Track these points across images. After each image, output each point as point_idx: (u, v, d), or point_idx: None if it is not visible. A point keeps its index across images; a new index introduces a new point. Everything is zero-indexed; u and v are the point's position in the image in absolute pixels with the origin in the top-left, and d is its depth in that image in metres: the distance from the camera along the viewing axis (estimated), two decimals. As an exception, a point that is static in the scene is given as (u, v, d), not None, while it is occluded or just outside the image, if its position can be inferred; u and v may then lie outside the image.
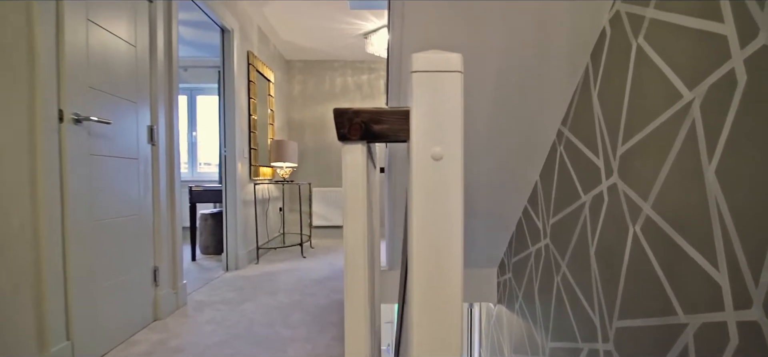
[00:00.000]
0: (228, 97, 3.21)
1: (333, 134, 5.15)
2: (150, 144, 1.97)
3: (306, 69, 5.11)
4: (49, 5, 1.36)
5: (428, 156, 0.43)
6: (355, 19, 3.68)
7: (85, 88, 1.54)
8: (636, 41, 1.22)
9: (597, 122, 1.44)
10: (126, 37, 1.78)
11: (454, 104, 0.43)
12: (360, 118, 0.46)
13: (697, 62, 0.95)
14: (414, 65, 0.44)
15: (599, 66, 1.45)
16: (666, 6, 1.08)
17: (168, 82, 2.11)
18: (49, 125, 1.37)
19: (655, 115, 1.11)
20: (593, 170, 1.43)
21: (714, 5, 0.90)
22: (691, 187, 0.97)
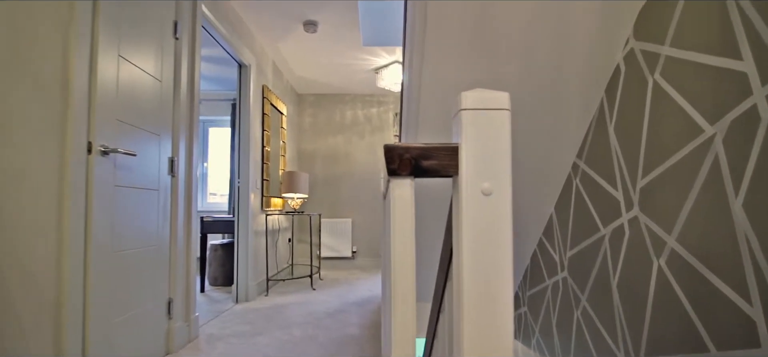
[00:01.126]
0: (243, 129, 3.28)
1: (343, 165, 5.19)
2: (170, 175, 2.01)
3: (317, 102, 5.23)
4: (85, 41, 1.43)
5: (478, 191, 0.44)
6: (367, 55, 3.79)
7: (113, 121, 1.59)
8: (652, 77, 1.24)
9: (614, 155, 1.45)
10: (152, 71, 1.85)
11: (503, 141, 0.45)
12: (410, 154, 0.48)
13: (718, 98, 0.97)
14: (463, 103, 0.46)
15: (614, 101, 1.47)
16: (682, 44, 1.12)
17: (189, 115, 2.17)
18: (78, 157, 1.41)
19: (676, 148, 1.12)
20: (612, 203, 1.43)
21: (731, 43, 0.93)
22: (717, 220, 0.97)
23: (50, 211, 1.34)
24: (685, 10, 1.11)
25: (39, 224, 1.30)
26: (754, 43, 0.87)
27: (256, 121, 3.45)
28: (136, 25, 1.72)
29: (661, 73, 1.20)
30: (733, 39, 0.92)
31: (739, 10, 0.92)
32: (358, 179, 5.21)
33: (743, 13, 0.91)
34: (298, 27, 3.19)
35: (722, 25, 0.97)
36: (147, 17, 1.80)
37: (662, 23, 1.21)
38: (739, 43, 0.92)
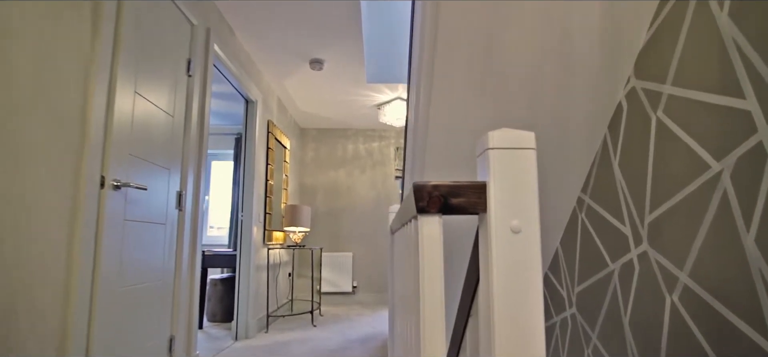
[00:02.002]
0: (248, 163, 3.31)
1: (344, 199, 5.20)
2: (177, 209, 2.01)
3: (319, 136, 5.30)
4: (104, 78, 1.48)
5: (508, 229, 0.46)
6: (370, 91, 3.88)
7: (127, 156, 1.61)
8: (655, 115, 1.28)
9: (620, 190, 1.47)
10: (165, 107, 1.89)
11: (530, 179, 0.46)
12: (439, 191, 0.49)
13: (723, 135, 1.00)
14: (490, 142, 0.48)
15: (618, 137, 1.51)
16: (684, 82, 1.16)
17: (198, 149, 2.20)
18: (91, 191, 1.42)
19: (683, 184, 1.14)
20: (620, 238, 1.44)
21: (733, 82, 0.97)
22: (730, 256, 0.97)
23: (61, 244, 1.34)
24: (685, 50, 1.16)
25: (49, 257, 1.29)
26: (756, 82, 0.90)
27: (261, 155, 3.49)
28: (152, 62, 1.77)
29: (664, 111, 1.23)
30: (734, 78, 0.96)
31: (738, 50, 0.96)
32: (359, 213, 5.20)
33: (742, 52, 0.95)
34: (305, 65, 3.28)
35: (722, 65, 1.01)
36: (163, 55, 1.86)
37: (662, 63, 1.25)
38: (740, 82, 0.95)
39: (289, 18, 2.61)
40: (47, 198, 1.28)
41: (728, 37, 0.99)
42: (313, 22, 2.66)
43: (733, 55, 0.97)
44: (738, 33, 0.96)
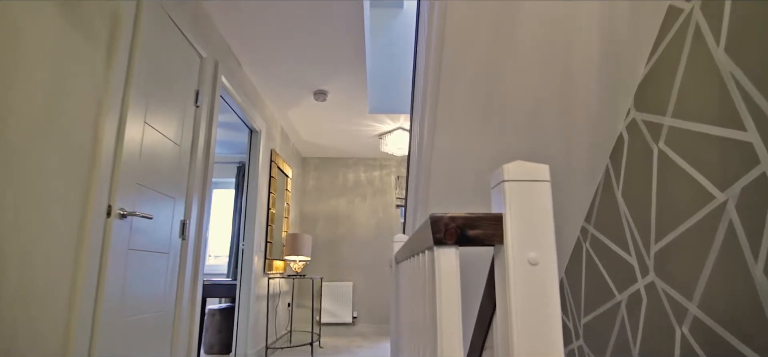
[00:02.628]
0: (250, 192, 3.32)
1: (344, 227, 5.19)
2: (181, 238, 2.01)
3: (321, 165, 5.33)
4: (116, 109, 1.51)
5: (525, 261, 0.46)
6: (372, 121, 3.94)
7: (134, 185, 1.62)
8: (657, 146, 1.30)
9: (624, 220, 1.48)
10: (173, 137, 1.92)
11: (546, 212, 0.47)
12: (455, 223, 0.50)
13: (725, 166, 1.01)
14: (505, 175, 0.49)
15: (620, 167, 1.52)
16: (684, 115, 1.18)
17: (203, 179, 2.22)
18: (97, 220, 1.43)
19: (688, 214, 1.15)
20: (626, 268, 1.43)
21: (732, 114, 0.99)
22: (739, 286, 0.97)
23: (65, 272, 1.33)
24: (684, 84, 1.19)
25: (53, 284, 1.28)
26: (755, 114, 0.93)
27: (263, 184, 3.50)
28: (162, 93, 1.81)
29: (666, 142, 1.26)
30: (734, 110, 0.99)
31: (736, 83, 0.99)
32: (360, 242, 5.17)
33: (740, 86, 0.97)
34: (309, 96, 3.35)
35: (721, 98, 1.04)
36: (173, 86, 1.90)
37: (662, 96, 1.29)
38: (740, 114, 0.98)
39: (296, 51, 2.69)
40: (54, 225, 1.28)
41: (726, 71, 1.02)
42: (319, 55, 2.73)
43: (731, 89, 1.00)
44: (735, 67, 0.99)
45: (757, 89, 0.91)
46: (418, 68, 2.06)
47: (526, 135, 1.59)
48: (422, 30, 1.88)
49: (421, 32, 2.00)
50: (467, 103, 1.50)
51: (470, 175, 1.71)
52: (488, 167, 1.66)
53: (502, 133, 1.57)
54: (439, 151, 1.62)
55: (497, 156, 1.63)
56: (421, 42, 1.88)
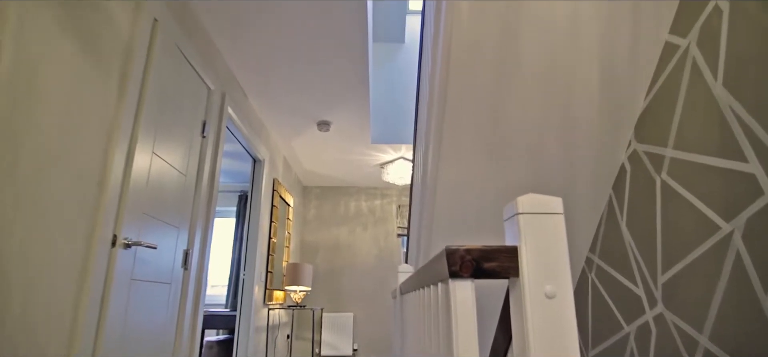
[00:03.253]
0: (253, 221, 3.31)
1: (345, 256, 5.14)
2: (183, 268, 2.00)
3: (322, 194, 5.34)
4: (125, 140, 1.53)
5: (542, 294, 0.47)
6: (374, 151, 3.98)
7: (140, 215, 1.63)
8: (659, 177, 1.32)
9: (630, 251, 1.48)
10: (179, 166, 1.94)
11: (561, 245, 0.48)
12: (471, 255, 0.51)
13: (730, 197, 1.03)
14: (519, 208, 0.50)
15: (623, 197, 1.54)
16: (685, 146, 1.20)
17: (207, 208, 2.22)
18: (102, 250, 1.43)
19: (694, 245, 1.15)
20: (633, 299, 1.42)
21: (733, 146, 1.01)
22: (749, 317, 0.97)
23: (68, 302, 1.32)
24: (684, 116, 1.22)
25: (56, 314, 1.27)
26: (756, 146, 0.95)
27: (266, 213, 3.50)
28: (171, 124, 1.84)
29: (668, 173, 1.27)
30: (735, 142, 1.01)
31: (735, 116, 1.02)
32: (361, 272, 5.12)
33: (740, 119, 1.00)
34: (313, 126, 3.40)
35: (722, 130, 1.06)
36: (181, 117, 1.94)
37: (662, 128, 1.31)
38: (741, 146, 1.00)
39: (302, 83, 2.75)
40: (59, 254, 1.28)
41: (725, 104, 1.05)
42: (324, 87, 2.79)
43: (731, 121, 1.03)
44: (734, 101, 1.02)
45: (756, 122, 0.94)
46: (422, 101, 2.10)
47: (530, 166, 1.61)
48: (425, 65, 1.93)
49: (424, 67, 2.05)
50: (471, 135, 1.53)
51: (475, 205, 1.72)
52: (492, 197, 1.68)
53: (506, 164, 1.59)
54: (443, 182, 1.64)
55: (501, 186, 1.65)
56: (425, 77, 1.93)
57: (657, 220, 1.31)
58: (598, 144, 1.53)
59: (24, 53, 1.14)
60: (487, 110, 1.48)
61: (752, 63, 0.97)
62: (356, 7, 2.07)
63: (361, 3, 2.05)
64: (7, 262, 1.11)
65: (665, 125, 1.29)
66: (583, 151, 1.56)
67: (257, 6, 2.07)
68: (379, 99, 3.85)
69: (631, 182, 1.48)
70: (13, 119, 1.12)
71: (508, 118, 1.49)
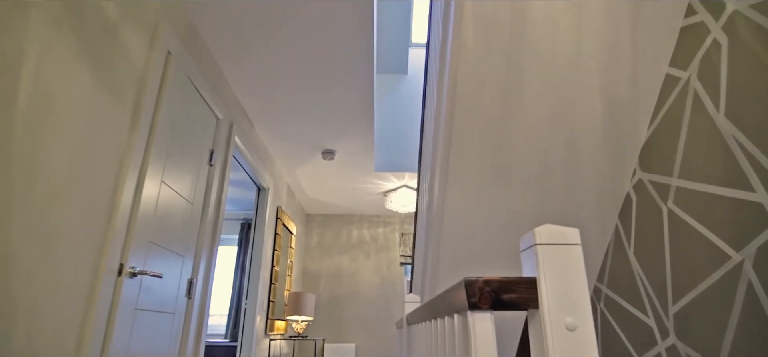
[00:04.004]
0: (256, 250, 3.30)
1: (347, 285, 5.08)
2: (187, 298, 1.98)
3: (325, 222, 5.33)
4: (136, 169, 1.55)
5: (563, 326, 0.47)
6: (378, 179, 4.00)
7: (146, 243, 1.63)
8: (666, 205, 1.33)
9: (639, 280, 1.47)
10: (186, 195, 1.95)
11: (580, 276, 0.49)
12: (490, 287, 0.51)
13: (738, 226, 1.03)
14: (537, 238, 0.51)
15: (630, 226, 1.54)
16: (691, 175, 1.22)
17: (212, 237, 2.22)
18: (108, 279, 1.42)
19: (705, 274, 1.15)
20: (644, 330, 1.40)
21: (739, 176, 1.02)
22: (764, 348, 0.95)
23: (72, 331, 1.31)
24: (688, 146, 1.23)
25: (60, 343, 1.26)
26: (762, 176, 0.96)
27: (269, 242, 3.49)
28: (180, 152, 1.87)
29: (675, 202, 1.28)
30: (740, 172, 1.02)
31: (739, 146, 1.03)
32: (363, 301, 5.05)
33: (744, 149, 1.01)
34: (317, 155, 3.43)
35: (726, 159, 1.07)
36: (190, 146, 1.96)
37: (666, 157, 1.33)
38: (747, 175, 1.01)
39: (308, 113, 2.80)
40: (66, 282, 1.28)
41: (728, 134, 1.07)
42: (329, 117, 2.84)
43: (735, 151, 1.04)
44: (737, 131, 1.04)
45: (761, 152, 0.95)
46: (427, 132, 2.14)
47: (535, 195, 1.62)
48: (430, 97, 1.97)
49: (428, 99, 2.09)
50: (477, 165, 1.55)
51: (481, 235, 1.72)
52: (499, 227, 1.68)
53: (512, 193, 1.60)
54: (450, 212, 1.64)
55: (507, 216, 1.65)
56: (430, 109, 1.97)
57: (665, 249, 1.31)
58: (603, 173, 1.55)
59: (42, 83, 1.18)
60: (492, 141, 1.50)
61: (754, 94, 0.99)
62: (363, 38, 2.13)
63: (368, 34, 2.11)
64: (14, 290, 1.10)
65: (669, 155, 1.31)
66: (588, 180, 1.57)
67: (266, 37, 2.13)
68: (382, 128, 3.90)
69: (637, 211, 1.49)
70: (30, 147, 1.14)
71: (514, 148, 1.52)
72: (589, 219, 1.65)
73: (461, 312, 0.59)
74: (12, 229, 1.09)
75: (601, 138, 1.49)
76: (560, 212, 1.66)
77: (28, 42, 1.13)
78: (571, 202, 1.63)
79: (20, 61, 1.10)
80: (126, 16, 1.51)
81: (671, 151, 1.30)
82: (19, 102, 1.11)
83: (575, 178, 1.58)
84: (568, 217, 1.67)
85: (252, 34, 2.10)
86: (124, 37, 1.51)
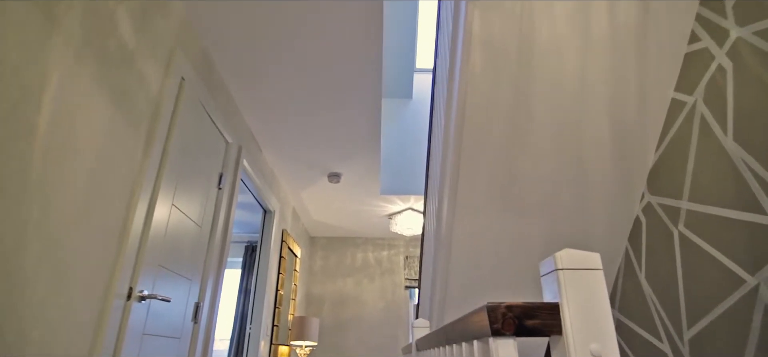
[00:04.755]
0: (261, 273, 3.28)
1: (351, 309, 5.02)
2: (193, 322, 1.96)
3: (329, 245, 5.31)
4: (147, 193, 1.56)
5: (587, 353, 0.47)
6: (383, 202, 4.01)
7: (156, 267, 1.63)
8: (676, 229, 1.32)
9: (651, 305, 1.45)
10: (195, 218, 1.96)
11: (603, 301, 0.49)
12: (513, 313, 0.51)
13: (752, 250, 1.03)
14: (559, 264, 0.51)
15: (640, 250, 1.53)
16: (701, 199, 1.22)
17: (219, 260, 2.22)
18: (117, 304, 1.42)
19: (720, 298, 1.14)
20: (659, 356, 1.38)
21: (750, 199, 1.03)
22: (787, 378, 0.94)
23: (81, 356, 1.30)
24: (697, 169, 1.24)
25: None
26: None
27: (274, 265, 3.47)
28: (190, 176, 1.89)
29: (686, 225, 1.28)
30: (751, 195, 1.02)
31: (749, 170, 1.04)
32: (368, 325, 4.97)
33: (754, 172, 1.02)
34: (324, 178, 3.45)
35: (737, 183, 1.08)
36: (200, 169, 1.99)
37: (675, 180, 1.33)
38: (758, 198, 1.01)
39: (315, 137, 2.83)
40: (76, 307, 1.28)
41: (737, 158, 1.08)
42: (337, 140, 2.87)
43: (745, 174, 1.05)
44: (746, 154, 1.05)
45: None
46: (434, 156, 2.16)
47: (545, 218, 1.62)
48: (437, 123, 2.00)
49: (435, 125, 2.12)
50: (486, 190, 1.56)
51: (490, 259, 1.71)
52: (508, 250, 1.67)
53: (521, 216, 1.61)
54: (458, 236, 1.64)
55: (517, 240, 1.65)
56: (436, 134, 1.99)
57: (678, 272, 1.30)
58: (612, 197, 1.55)
59: (62, 111, 1.20)
60: (501, 166, 1.52)
61: (761, 118, 1.00)
62: (372, 63, 2.18)
63: (376, 59, 2.16)
64: (26, 319, 1.10)
65: (678, 178, 1.32)
66: (596, 204, 1.57)
67: (276, 61, 2.18)
68: (388, 151, 3.93)
69: (647, 234, 1.48)
70: (47, 175, 1.16)
71: (522, 172, 1.53)
72: (599, 243, 1.64)
73: (481, 338, 0.59)
74: (27, 256, 1.10)
75: (608, 162, 1.50)
76: (569, 236, 1.66)
77: (50, 70, 1.16)
78: (580, 226, 1.63)
79: (42, 89, 1.14)
80: (143, 43, 1.56)
81: (680, 175, 1.31)
82: (40, 129, 1.13)
83: (584, 203, 1.58)
84: (577, 241, 1.67)
85: (262, 58, 2.15)
86: (141, 64, 1.55)
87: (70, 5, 1.22)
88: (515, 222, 1.62)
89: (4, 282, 1.04)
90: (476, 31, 1.34)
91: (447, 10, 1.70)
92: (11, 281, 1.06)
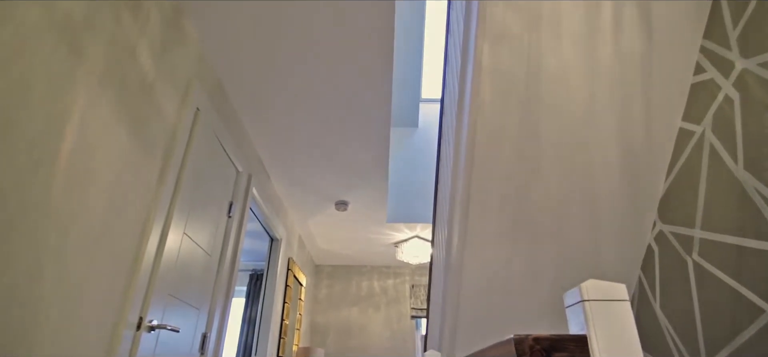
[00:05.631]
0: (266, 302, 3.25)
1: (356, 339, 4.92)
2: (200, 353, 1.93)
3: (334, 273, 5.26)
4: (160, 222, 1.58)
5: (619, 385, 0.47)
6: (390, 230, 4.00)
7: (166, 296, 1.63)
8: (690, 258, 1.31)
9: (668, 335, 1.42)
10: (205, 246, 1.96)
11: (631, 333, 0.49)
12: (541, 345, 0.51)
13: None
14: (585, 294, 0.51)
15: (654, 279, 1.51)
16: (714, 227, 1.22)
17: (227, 289, 2.21)
18: (128, 333, 1.41)
19: (739, 329, 1.12)
20: (682, 390, 1.34)
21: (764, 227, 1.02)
22: (815, 413, 0.91)
23: (88, 393, 1.28)
24: (709, 198, 1.24)
25: (74, 410, 1.22)
26: (792, 233, 0.96)
27: (279, 293, 3.44)
28: (202, 204, 1.91)
29: (700, 254, 1.27)
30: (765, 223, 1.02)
31: (762, 198, 1.04)
32: (373, 355, 4.86)
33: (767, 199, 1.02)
34: (331, 206, 3.47)
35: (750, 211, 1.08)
36: (211, 198, 2.01)
37: (687, 209, 1.34)
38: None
39: (324, 166, 2.86)
40: (87, 337, 1.27)
41: (750, 186, 1.08)
42: (345, 169, 2.90)
43: (759, 203, 1.05)
44: (758, 182, 1.05)
45: (786, 206, 0.96)
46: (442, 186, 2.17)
47: (556, 247, 1.61)
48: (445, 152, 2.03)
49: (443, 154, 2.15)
50: (496, 218, 1.56)
51: (501, 288, 1.70)
52: (520, 279, 1.66)
53: (532, 244, 1.60)
54: (469, 265, 1.63)
55: (528, 268, 1.64)
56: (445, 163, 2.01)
57: (694, 302, 1.29)
58: (622, 226, 1.55)
59: (83, 140, 1.23)
60: (511, 194, 1.53)
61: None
62: (381, 93, 2.23)
63: (386, 89, 2.21)
64: (38, 348, 1.10)
65: (690, 206, 1.32)
66: (607, 232, 1.57)
67: (286, 91, 2.24)
68: (395, 180, 3.96)
69: (660, 263, 1.47)
70: (67, 202, 1.18)
71: (532, 201, 1.53)
72: (610, 271, 1.63)
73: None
74: (42, 284, 1.11)
75: (618, 191, 1.51)
76: (581, 264, 1.65)
77: (73, 100, 1.20)
78: (591, 254, 1.62)
79: (65, 119, 1.17)
80: (162, 74, 1.61)
81: (691, 203, 1.31)
82: (61, 157, 1.16)
83: (595, 231, 1.58)
84: (588, 270, 1.65)
85: (273, 88, 2.20)
86: (159, 95, 1.60)
87: (95, 39, 1.27)
88: (526, 250, 1.61)
89: (19, 309, 1.04)
90: (485, 63, 1.37)
91: (455, 43, 1.75)
92: (25, 309, 1.06)
